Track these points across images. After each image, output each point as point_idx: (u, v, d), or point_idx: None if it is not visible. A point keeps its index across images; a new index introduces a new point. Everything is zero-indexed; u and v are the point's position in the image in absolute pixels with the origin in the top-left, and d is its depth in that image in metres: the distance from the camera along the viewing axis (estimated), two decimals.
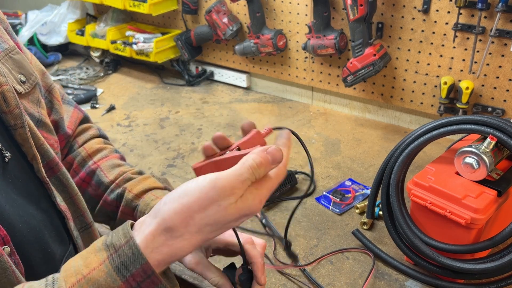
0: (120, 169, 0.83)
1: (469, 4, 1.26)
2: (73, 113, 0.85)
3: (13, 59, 0.66)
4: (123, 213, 0.79)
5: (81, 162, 0.83)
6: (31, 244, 0.58)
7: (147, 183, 0.80)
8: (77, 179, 0.83)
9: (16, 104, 0.60)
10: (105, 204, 0.81)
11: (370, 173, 1.31)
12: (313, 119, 1.64)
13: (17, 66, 0.66)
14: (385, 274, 0.98)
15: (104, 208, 0.81)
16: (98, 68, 2.13)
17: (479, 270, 0.86)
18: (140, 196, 0.78)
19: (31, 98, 0.68)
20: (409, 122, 1.57)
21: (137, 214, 0.77)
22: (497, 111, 1.35)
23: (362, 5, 1.34)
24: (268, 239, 1.09)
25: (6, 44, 0.66)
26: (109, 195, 0.80)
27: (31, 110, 0.67)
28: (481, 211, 0.84)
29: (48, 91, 0.77)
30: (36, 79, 0.70)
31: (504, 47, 1.28)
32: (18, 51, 0.68)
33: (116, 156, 0.86)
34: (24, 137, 0.61)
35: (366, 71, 1.44)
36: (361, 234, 1.05)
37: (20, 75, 0.66)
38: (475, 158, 0.87)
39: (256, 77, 1.87)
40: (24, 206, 0.60)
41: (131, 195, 0.78)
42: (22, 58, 0.68)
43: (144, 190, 0.79)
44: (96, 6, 2.22)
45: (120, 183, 0.81)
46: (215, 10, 1.71)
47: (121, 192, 0.79)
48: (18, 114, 0.60)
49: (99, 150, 0.85)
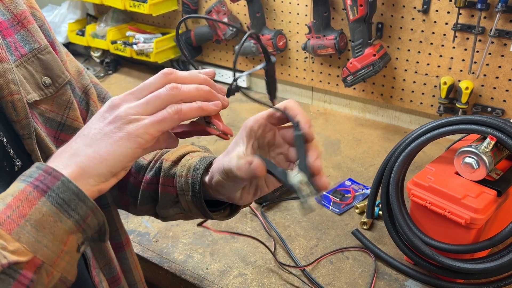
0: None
1: (469, 4, 1.26)
2: None
3: (41, 60, 0.65)
4: (164, 185, 0.75)
5: None
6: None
7: (184, 149, 0.77)
8: None
9: (25, 115, 0.59)
10: (145, 185, 0.77)
11: (370, 173, 1.31)
12: (313, 119, 1.64)
13: (43, 67, 0.65)
14: (385, 274, 0.98)
15: (146, 191, 0.77)
16: (99, 68, 2.13)
17: (479, 270, 0.86)
18: (177, 162, 0.75)
19: (58, 101, 0.67)
20: (408, 122, 1.57)
21: (176, 181, 0.73)
22: (496, 111, 1.36)
23: (362, 5, 1.34)
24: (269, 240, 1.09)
25: (36, 43, 0.65)
26: (148, 174, 0.77)
27: (52, 115, 0.66)
28: (480, 211, 0.84)
29: (85, 93, 0.75)
30: (66, 79, 0.69)
31: (504, 47, 1.28)
32: (49, 51, 0.67)
33: None
34: (30, 148, 0.61)
35: (366, 71, 1.44)
36: (361, 234, 1.05)
37: (45, 78, 0.65)
38: (475, 158, 0.87)
39: (256, 77, 1.87)
40: None
41: (169, 163, 0.75)
42: (53, 58, 0.67)
43: (182, 155, 0.76)
44: (97, 6, 2.22)
45: (158, 158, 0.78)
46: (215, 10, 1.71)
47: (159, 165, 0.77)
48: (26, 125, 0.60)
49: None
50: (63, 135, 0.67)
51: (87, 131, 0.53)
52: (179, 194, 0.72)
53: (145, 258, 1.05)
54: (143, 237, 1.11)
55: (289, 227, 1.12)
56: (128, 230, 1.13)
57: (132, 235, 1.11)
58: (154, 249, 1.07)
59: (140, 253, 1.06)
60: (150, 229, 1.13)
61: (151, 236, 1.11)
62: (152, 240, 1.10)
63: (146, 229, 1.13)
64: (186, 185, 0.71)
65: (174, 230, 1.13)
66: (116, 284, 0.75)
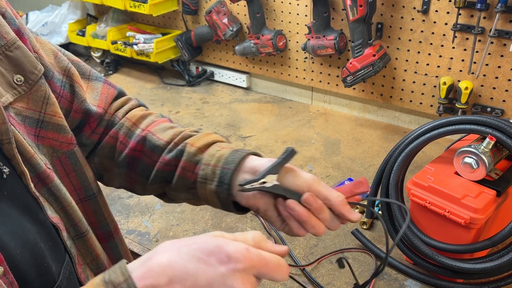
0: (174, 130, 0.77)
1: (469, 5, 1.26)
2: (102, 89, 0.78)
3: (10, 58, 0.61)
4: (184, 169, 0.73)
5: (128, 133, 0.77)
6: (26, 260, 0.57)
7: (211, 137, 0.75)
8: (128, 150, 0.77)
9: (3, 120, 0.56)
10: (162, 166, 0.75)
11: (370, 173, 1.31)
12: (313, 119, 1.65)
13: (13, 65, 0.62)
14: (384, 274, 0.98)
15: (161, 171, 0.75)
16: (99, 68, 2.13)
17: (478, 269, 0.86)
18: (203, 150, 0.73)
19: (33, 98, 0.64)
20: (408, 122, 1.57)
21: (200, 168, 0.71)
22: (496, 111, 1.36)
23: (362, 6, 1.34)
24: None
25: (2, 39, 0.61)
26: (166, 155, 0.74)
27: (29, 113, 0.63)
28: (480, 211, 0.84)
29: (66, 75, 0.71)
30: (40, 74, 0.65)
31: (503, 47, 1.28)
32: (18, 45, 0.63)
33: (165, 120, 0.80)
34: (11, 153, 0.58)
35: (365, 72, 1.45)
36: (360, 233, 1.05)
37: (17, 76, 0.62)
38: (474, 158, 0.87)
39: (256, 77, 1.87)
40: (18, 220, 0.58)
41: (194, 148, 0.73)
42: (22, 53, 0.63)
43: (209, 143, 0.73)
44: (97, 7, 2.22)
45: (179, 141, 0.75)
46: (215, 10, 1.71)
47: (181, 148, 0.74)
48: (5, 130, 0.57)
49: (144, 116, 0.79)
50: (43, 132, 0.65)
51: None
52: (200, 181, 0.71)
53: None
54: (143, 237, 1.11)
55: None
56: (128, 230, 1.13)
57: (132, 235, 1.11)
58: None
59: (140, 253, 1.07)
60: (150, 229, 1.13)
61: (151, 236, 1.11)
62: (152, 240, 1.10)
63: (146, 229, 1.13)
64: (212, 175, 0.69)
65: (174, 230, 1.13)
66: None
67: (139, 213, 1.19)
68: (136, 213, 1.19)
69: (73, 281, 0.65)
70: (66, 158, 0.69)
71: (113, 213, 1.18)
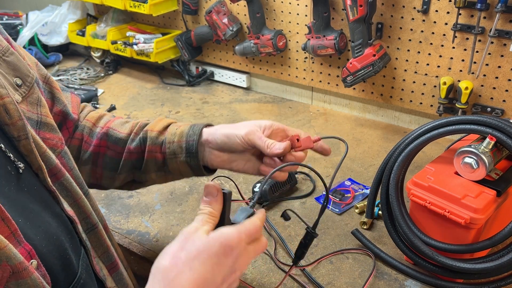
0: (131, 123, 0.89)
1: (469, 5, 1.26)
2: (72, 98, 0.87)
3: (7, 62, 0.64)
4: (151, 152, 0.84)
5: (90, 132, 0.87)
6: (52, 253, 0.59)
7: (165, 121, 0.88)
8: (93, 147, 0.86)
9: (19, 116, 0.59)
10: (128, 155, 0.85)
11: (370, 173, 1.31)
12: (313, 119, 1.65)
13: (11, 69, 0.64)
14: (384, 274, 0.98)
15: (128, 160, 0.85)
16: (99, 68, 2.13)
17: (479, 269, 0.86)
18: (163, 132, 0.85)
19: (30, 100, 0.67)
20: (408, 122, 1.57)
21: (166, 147, 0.84)
22: (496, 111, 1.36)
23: (362, 6, 1.34)
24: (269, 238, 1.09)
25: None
26: (130, 144, 0.85)
27: (30, 114, 0.66)
28: (480, 211, 0.84)
29: (46, 82, 0.76)
30: (34, 77, 0.68)
31: (504, 47, 1.28)
32: (12, 52, 0.66)
33: (119, 117, 0.91)
34: (28, 148, 0.60)
35: (365, 72, 1.45)
36: (360, 234, 1.05)
37: (16, 79, 0.64)
38: (474, 158, 0.87)
39: (256, 77, 1.88)
40: (40, 214, 0.60)
41: (154, 133, 0.85)
42: (17, 58, 0.66)
43: (165, 126, 0.86)
44: (97, 7, 2.22)
45: (138, 131, 0.86)
46: (215, 10, 1.71)
47: (142, 136, 0.85)
48: (21, 126, 0.59)
49: (100, 117, 0.90)
50: (42, 133, 0.67)
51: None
52: (169, 158, 0.84)
53: (145, 258, 1.05)
54: (143, 237, 1.11)
55: (289, 227, 1.12)
56: (128, 230, 1.13)
57: (132, 235, 1.11)
58: (155, 249, 1.07)
59: (140, 253, 1.07)
60: (150, 229, 1.13)
61: (151, 236, 1.11)
62: (152, 240, 1.10)
63: (146, 229, 1.13)
64: (179, 149, 0.83)
65: (175, 230, 1.13)
66: (114, 270, 0.76)
67: (139, 213, 1.19)
68: (136, 213, 1.19)
69: (90, 272, 0.68)
70: (62, 157, 0.71)
71: (113, 213, 1.19)
